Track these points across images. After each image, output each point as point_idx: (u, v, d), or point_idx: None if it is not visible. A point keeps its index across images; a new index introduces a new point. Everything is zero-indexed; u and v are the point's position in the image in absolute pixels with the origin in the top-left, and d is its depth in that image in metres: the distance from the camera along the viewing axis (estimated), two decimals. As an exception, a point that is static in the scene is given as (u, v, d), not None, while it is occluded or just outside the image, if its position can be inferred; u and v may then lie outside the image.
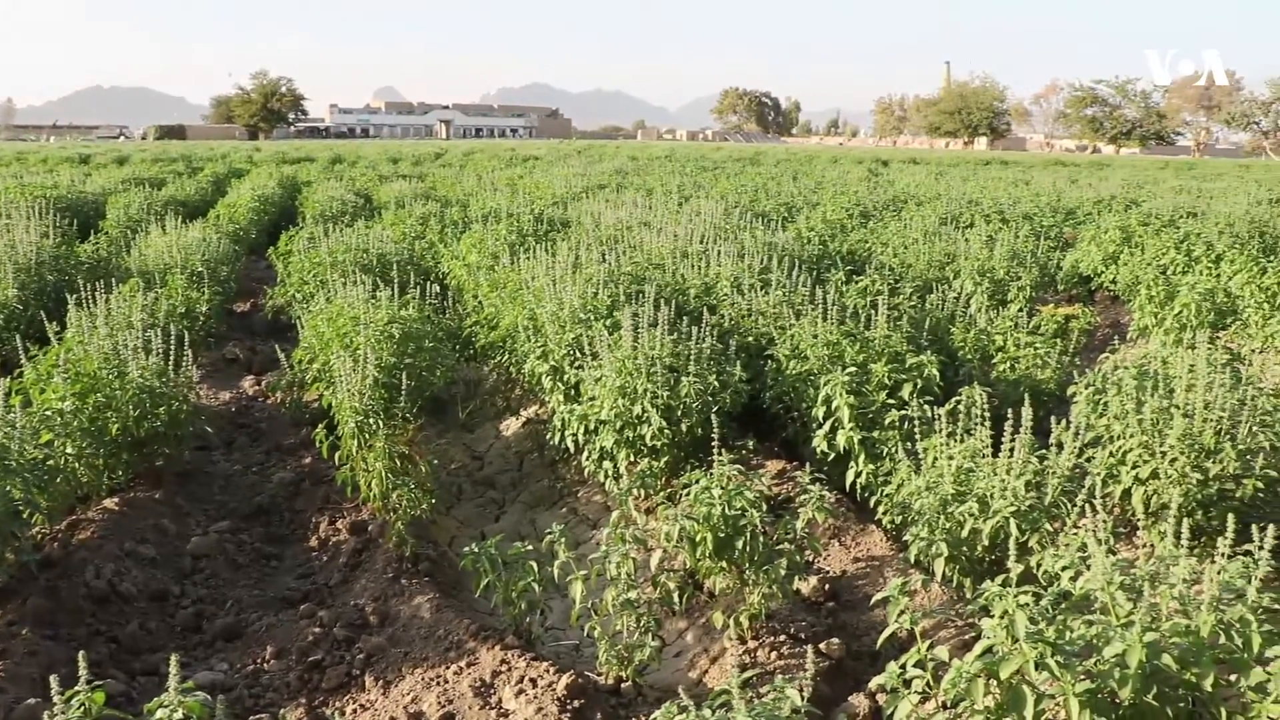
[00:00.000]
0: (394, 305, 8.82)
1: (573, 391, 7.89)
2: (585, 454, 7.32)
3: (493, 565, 5.19)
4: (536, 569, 5.14)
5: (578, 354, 7.78)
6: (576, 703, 4.57)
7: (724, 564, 5.38)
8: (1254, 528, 3.68)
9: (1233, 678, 3.37)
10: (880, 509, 6.28)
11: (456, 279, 12.50)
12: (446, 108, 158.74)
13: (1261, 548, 3.57)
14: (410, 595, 5.82)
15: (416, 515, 6.61)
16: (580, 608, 5.07)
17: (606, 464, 7.16)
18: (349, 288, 9.39)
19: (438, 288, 10.82)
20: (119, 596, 5.91)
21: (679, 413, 6.92)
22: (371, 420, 6.80)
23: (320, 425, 7.37)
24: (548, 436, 7.74)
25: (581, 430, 7.21)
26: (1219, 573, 3.62)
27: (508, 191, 21.89)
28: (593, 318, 8.26)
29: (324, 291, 10.40)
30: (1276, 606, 3.51)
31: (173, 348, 7.69)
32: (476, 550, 5.22)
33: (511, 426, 9.26)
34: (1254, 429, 5.65)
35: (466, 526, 7.70)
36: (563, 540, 5.17)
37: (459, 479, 8.43)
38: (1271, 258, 12.19)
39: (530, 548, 5.24)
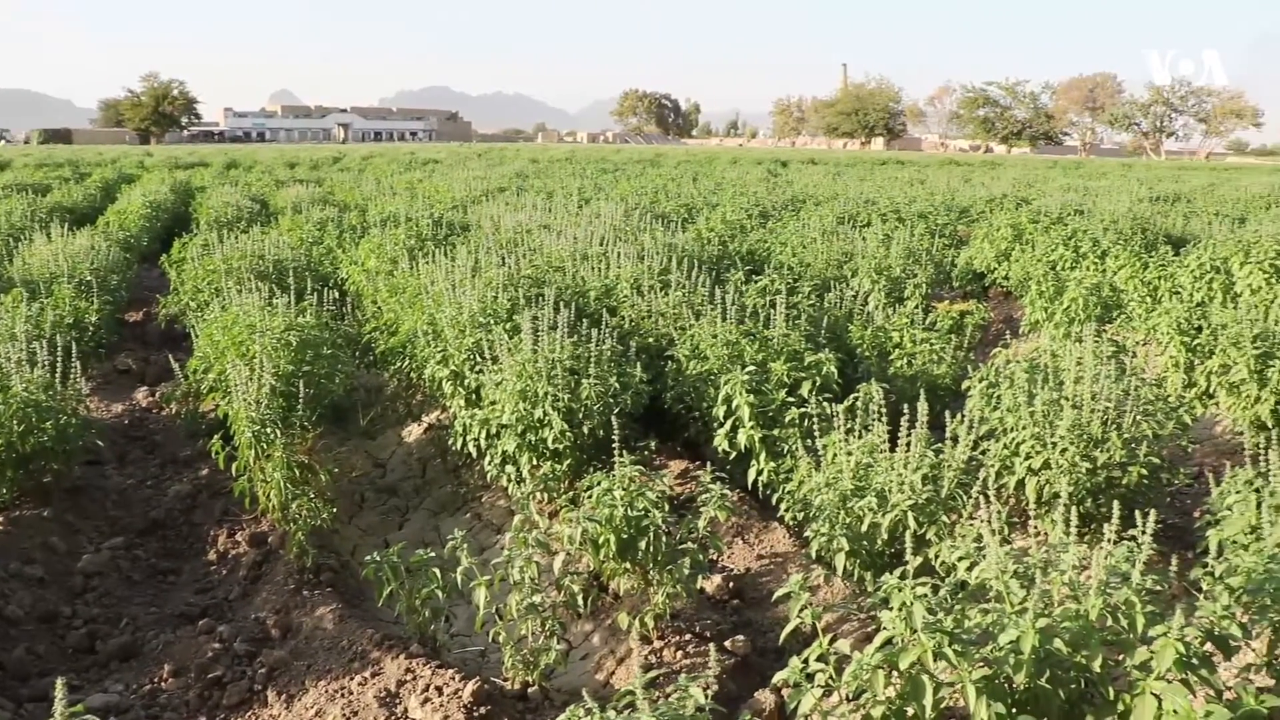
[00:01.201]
0: (291, 312, 8.68)
1: (474, 396, 7.85)
2: (487, 459, 7.27)
3: (395, 574, 5.13)
4: (440, 576, 5.09)
5: (478, 358, 7.73)
6: (483, 709, 4.55)
7: (628, 565, 5.40)
8: (1138, 514, 3.80)
9: (1120, 658, 3.48)
10: (782, 506, 6.36)
11: (355, 285, 12.33)
12: (344, 111, 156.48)
13: (1144, 532, 3.69)
14: (313, 607, 5.73)
15: (317, 525, 6.51)
16: (485, 613, 5.03)
17: (509, 468, 7.13)
18: (245, 295, 9.21)
19: (336, 294, 10.67)
20: (4, 620, 5.72)
21: (580, 415, 6.92)
22: (269, 430, 6.67)
23: (217, 436, 7.20)
24: (450, 442, 7.67)
25: (483, 435, 7.16)
26: (1106, 558, 3.74)
27: (407, 196, 21.67)
28: (492, 321, 8.22)
29: (219, 299, 10.18)
30: (1158, 588, 3.64)
31: (60, 359, 7.48)
32: (379, 559, 5.16)
33: (414, 433, 9.17)
34: (1138, 418, 5.85)
35: (369, 535, 7.60)
36: (465, 546, 5.14)
37: (361, 487, 8.31)
38: (1152, 253, 12.63)
39: (434, 555, 5.18)
